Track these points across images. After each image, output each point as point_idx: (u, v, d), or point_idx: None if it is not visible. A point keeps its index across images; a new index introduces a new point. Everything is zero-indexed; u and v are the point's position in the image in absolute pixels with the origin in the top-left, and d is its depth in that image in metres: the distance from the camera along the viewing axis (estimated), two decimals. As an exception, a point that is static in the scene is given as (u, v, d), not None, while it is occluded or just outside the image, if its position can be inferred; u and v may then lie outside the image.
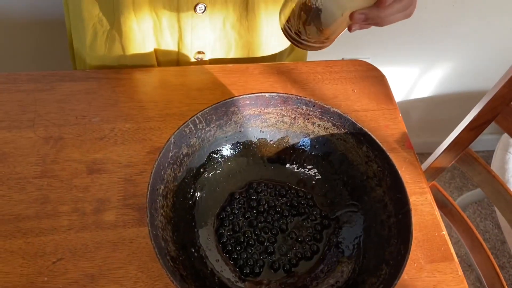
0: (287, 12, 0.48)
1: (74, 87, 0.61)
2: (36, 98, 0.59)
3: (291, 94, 0.53)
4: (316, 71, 0.70)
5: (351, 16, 0.43)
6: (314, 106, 0.53)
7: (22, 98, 0.59)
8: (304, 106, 0.54)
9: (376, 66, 1.21)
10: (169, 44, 0.66)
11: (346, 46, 1.13)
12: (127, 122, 0.59)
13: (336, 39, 0.50)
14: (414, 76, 1.27)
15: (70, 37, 0.72)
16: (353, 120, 0.52)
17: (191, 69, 0.67)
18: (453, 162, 0.75)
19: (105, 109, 0.60)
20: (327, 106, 0.53)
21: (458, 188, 1.54)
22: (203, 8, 0.61)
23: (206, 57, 0.69)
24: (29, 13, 0.87)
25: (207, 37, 0.66)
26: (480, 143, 1.54)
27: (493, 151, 1.21)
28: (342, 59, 0.75)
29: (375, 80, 0.70)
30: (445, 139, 0.79)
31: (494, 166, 1.09)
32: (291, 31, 0.49)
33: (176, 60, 0.68)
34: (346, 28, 0.47)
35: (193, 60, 0.68)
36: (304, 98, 0.53)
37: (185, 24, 0.63)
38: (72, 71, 0.63)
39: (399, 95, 1.34)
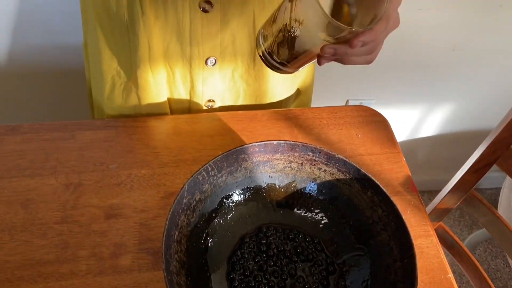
0: (265, 28, 0.51)
1: (93, 136, 0.65)
2: (58, 147, 0.63)
3: (298, 142, 0.56)
4: (321, 116, 0.73)
5: (322, 48, 0.46)
6: (320, 152, 0.56)
7: (45, 146, 0.62)
8: (310, 153, 0.57)
9: (381, 107, 1.25)
10: (181, 94, 0.70)
11: (352, 88, 1.17)
12: (142, 168, 0.62)
13: (312, 75, 0.51)
14: (418, 116, 1.30)
15: (89, 87, 0.76)
16: (357, 167, 0.54)
17: (202, 116, 0.71)
18: (458, 203, 0.77)
19: (122, 156, 0.63)
20: (332, 153, 0.55)
21: (468, 226, 1.53)
22: (214, 61, 0.66)
23: (216, 104, 0.73)
24: (51, 63, 0.93)
25: (217, 87, 0.70)
26: (487, 181, 1.55)
27: (501, 188, 1.22)
28: (346, 105, 0.78)
29: (378, 125, 0.73)
30: (452, 176, 0.81)
31: (501, 205, 1.09)
32: (265, 50, 0.51)
33: (188, 108, 0.72)
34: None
35: (204, 107, 0.72)
36: (310, 145, 0.56)
37: (197, 76, 0.67)
38: (92, 120, 0.67)
39: (404, 135, 1.36)
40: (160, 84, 0.68)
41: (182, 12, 0.60)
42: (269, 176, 0.58)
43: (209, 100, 0.72)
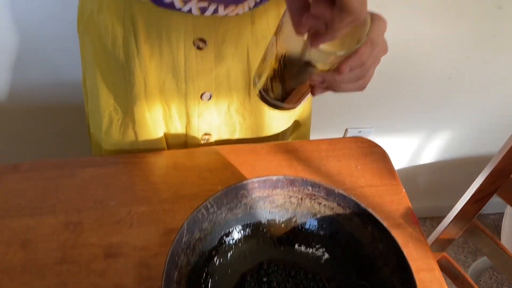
0: (258, 68, 0.51)
1: (93, 173, 0.65)
2: (58, 185, 0.63)
3: (297, 177, 0.56)
4: (320, 148, 0.73)
5: (310, 77, 0.46)
6: (319, 187, 0.56)
7: (45, 185, 0.62)
8: (310, 187, 0.57)
9: (380, 135, 1.25)
10: (178, 128, 0.71)
11: (350, 117, 1.18)
12: (142, 205, 0.62)
13: (310, 107, 0.52)
14: (418, 143, 1.30)
15: (88, 123, 0.77)
16: (357, 201, 0.54)
17: (201, 150, 0.71)
18: (460, 233, 0.76)
19: (122, 193, 0.63)
20: (332, 188, 0.56)
21: (472, 252, 1.51)
22: (209, 96, 0.67)
23: (213, 138, 0.73)
24: (52, 100, 0.94)
25: (213, 121, 0.71)
26: (490, 206, 1.54)
27: (503, 213, 1.21)
28: (344, 137, 0.79)
29: (377, 156, 0.73)
30: (454, 202, 0.81)
31: (504, 232, 1.09)
32: (262, 89, 0.51)
33: (185, 141, 0.73)
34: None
35: (200, 141, 0.73)
36: (309, 180, 0.56)
37: (193, 110, 0.68)
38: (92, 157, 0.67)
39: (404, 162, 1.36)
40: (156, 119, 0.68)
41: (176, 50, 0.61)
42: (269, 211, 0.58)
43: (206, 134, 0.72)
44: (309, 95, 0.51)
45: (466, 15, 0.97)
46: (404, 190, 0.68)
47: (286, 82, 0.48)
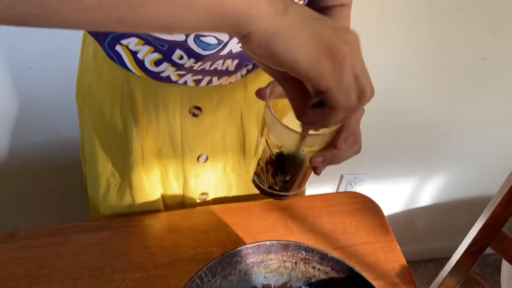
0: (255, 168, 0.51)
1: (89, 238, 0.65)
2: (54, 252, 0.63)
3: (291, 241, 0.57)
4: (314, 205, 0.74)
5: (311, 161, 0.47)
6: (313, 251, 0.57)
7: (41, 253, 0.63)
8: (303, 252, 0.57)
9: (375, 180, 1.26)
10: (174, 190, 0.72)
11: (345, 164, 1.19)
12: (137, 271, 0.62)
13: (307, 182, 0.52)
14: (414, 187, 1.31)
15: (85, 185, 0.78)
16: (350, 266, 0.55)
17: (196, 211, 0.72)
18: (457, 286, 0.76)
19: (117, 259, 0.63)
20: (325, 252, 0.56)
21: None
22: (205, 158, 0.68)
23: (209, 197, 0.74)
24: (50, 159, 0.96)
25: (209, 181, 0.72)
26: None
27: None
28: (338, 192, 0.80)
29: (370, 211, 0.74)
30: (454, 244, 0.80)
31: (503, 274, 1.08)
32: (264, 186, 0.51)
33: (182, 202, 0.74)
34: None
35: (197, 200, 0.74)
36: (303, 244, 0.57)
37: (189, 172, 0.69)
38: (87, 222, 0.68)
39: (401, 205, 1.37)
40: (153, 183, 0.70)
41: (173, 119, 0.63)
42: (264, 276, 0.58)
43: (203, 193, 0.73)
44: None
45: (451, 66, 1.00)
46: (398, 246, 0.69)
47: (288, 173, 0.49)
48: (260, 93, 0.48)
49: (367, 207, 0.74)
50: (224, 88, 0.63)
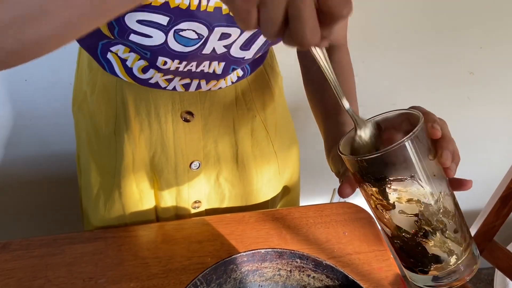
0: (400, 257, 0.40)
1: (83, 249, 0.65)
2: (47, 263, 0.63)
3: (285, 249, 0.57)
4: (308, 215, 0.75)
5: (445, 169, 0.40)
6: (307, 259, 0.57)
7: (34, 264, 0.62)
8: (298, 259, 0.57)
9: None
10: (167, 200, 0.72)
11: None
12: (131, 281, 0.62)
13: None
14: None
15: (80, 197, 0.78)
16: (345, 273, 0.55)
17: (190, 221, 0.72)
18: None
19: (111, 269, 0.63)
20: (320, 259, 0.56)
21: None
22: (198, 165, 0.69)
23: (202, 206, 0.74)
24: (45, 173, 0.96)
25: (202, 189, 0.72)
26: (483, 260, 1.54)
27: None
28: (331, 202, 0.81)
29: (364, 221, 0.74)
30: None
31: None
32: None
33: (175, 211, 0.74)
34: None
35: (190, 210, 0.74)
36: (297, 252, 0.57)
37: (182, 180, 0.69)
38: (81, 232, 0.68)
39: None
40: (145, 191, 0.70)
41: (165, 124, 0.63)
42: (259, 285, 0.58)
43: (195, 202, 0.73)
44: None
45: (441, 80, 1.03)
46: (392, 255, 0.69)
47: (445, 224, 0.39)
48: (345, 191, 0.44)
49: (360, 217, 0.75)
50: (215, 93, 0.64)
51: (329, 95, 0.62)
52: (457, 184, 0.42)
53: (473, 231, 0.69)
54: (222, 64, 0.58)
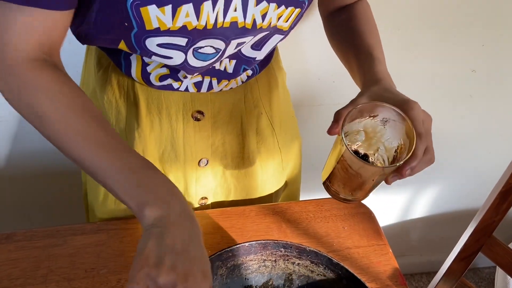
0: (328, 174, 0.54)
1: (85, 240, 0.66)
2: (50, 254, 0.64)
3: (269, 240, 0.58)
4: (308, 210, 0.75)
5: (401, 171, 0.49)
6: (291, 247, 0.58)
7: (37, 254, 0.63)
8: (282, 249, 0.58)
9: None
10: None
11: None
12: (132, 272, 0.63)
13: None
14: (406, 199, 1.32)
15: (85, 191, 0.79)
16: (328, 256, 0.56)
17: (193, 215, 0.72)
18: (450, 292, 0.77)
19: (113, 260, 0.64)
20: (303, 246, 0.57)
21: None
22: (206, 162, 0.69)
23: (209, 201, 0.75)
24: (47, 169, 0.97)
25: (209, 185, 0.73)
26: (483, 260, 1.54)
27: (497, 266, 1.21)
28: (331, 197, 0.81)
29: (363, 216, 0.75)
30: (448, 257, 0.81)
31: (497, 287, 1.08)
32: (340, 194, 0.55)
33: None
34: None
35: (197, 205, 0.75)
36: (281, 241, 0.58)
37: (190, 177, 0.70)
38: (84, 224, 0.69)
39: (395, 217, 1.38)
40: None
41: (176, 123, 0.64)
42: (245, 278, 0.59)
43: (202, 198, 0.74)
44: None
45: (443, 78, 1.03)
46: (391, 250, 0.70)
47: (363, 188, 0.53)
48: (333, 131, 0.49)
49: (360, 212, 0.75)
50: (226, 92, 0.65)
51: (359, 35, 0.60)
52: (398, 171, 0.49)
53: (472, 225, 0.69)
54: (233, 62, 0.59)
